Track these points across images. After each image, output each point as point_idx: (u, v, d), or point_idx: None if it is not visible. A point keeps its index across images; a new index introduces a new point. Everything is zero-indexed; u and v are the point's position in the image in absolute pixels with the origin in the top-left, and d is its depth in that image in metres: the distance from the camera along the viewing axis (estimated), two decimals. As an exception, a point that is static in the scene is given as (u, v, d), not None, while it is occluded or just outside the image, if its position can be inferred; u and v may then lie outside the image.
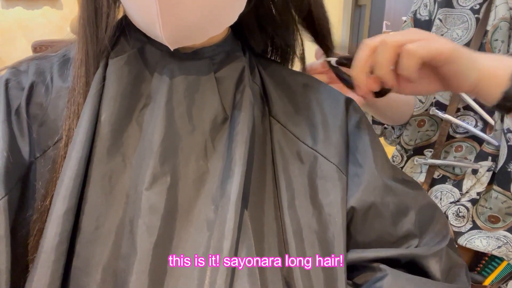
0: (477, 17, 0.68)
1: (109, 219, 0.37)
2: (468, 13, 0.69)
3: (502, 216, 0.66)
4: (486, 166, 0.67)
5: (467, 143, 0.70)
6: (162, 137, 0.39)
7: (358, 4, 2.71)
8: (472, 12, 0.69)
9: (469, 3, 0.69)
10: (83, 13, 0.41)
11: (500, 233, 0.66)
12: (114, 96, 0.40)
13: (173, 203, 0.38)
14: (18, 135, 0.39)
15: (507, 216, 0.66)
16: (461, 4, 0.70)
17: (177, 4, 0.35)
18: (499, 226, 0.67)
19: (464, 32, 0.69)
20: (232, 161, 0.39)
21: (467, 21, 0.69)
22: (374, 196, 0.43)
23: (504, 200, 0.65)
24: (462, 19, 0.70)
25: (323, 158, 0.43)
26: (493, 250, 0.66)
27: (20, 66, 0.44)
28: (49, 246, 0.34)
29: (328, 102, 0.48)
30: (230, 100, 0.43)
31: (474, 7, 0.68)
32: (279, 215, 0.41)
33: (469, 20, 0.69)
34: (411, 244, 0.44)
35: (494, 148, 0.67)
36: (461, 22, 0.70)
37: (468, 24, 0.69)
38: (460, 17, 0.70)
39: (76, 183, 0.36)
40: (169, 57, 0.43)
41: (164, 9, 0.35)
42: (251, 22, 0.49)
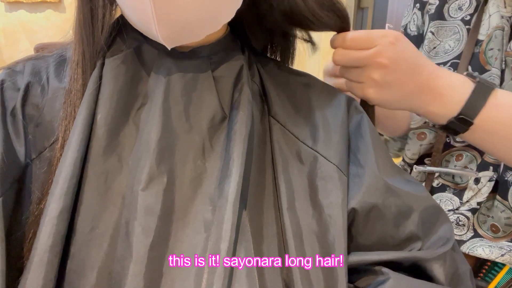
0: (468, 28, 0.68)
1: (105, 220, 0.36)
2: (459, 24, 0.69)
3: (502, 227, 0.65)
4: (488, 176, 0.66)
5: (467, 152, 0.69)
6: (158, 136, 0.38)
7: (361, 7, 2.70)
8: (463, 23, 0.69)
9: (460, 14, 0.69)
10: (78, 14, 0.41)
11: (504, 243, 0.65)
12: (110, 96, 0.39)
13: (170, 203, 0.37)
14: (14, 136, 0.39)
15: (507, 227, 0.65)
16: (452, 15, 0.71)
17: (171, 1, 0.35)
18: (500, 236, 0.65)
19: (456, 43, 0.69)
20: (230, 161, 0.38)
21: (458, 32, 0.69)
22: (375, 197, 0.42)
23: (502, 209, 0.64)
24: (454, 30, 0.70)
25: (323, 158, 0.43)
26: (496, 258, 0.65)
27: (15, 67, 0.43)
28: (43, 248, 0.33)
29: (328, 102, 0.47)
30: (228, 99, 0.43)
31: (465, 18, 0.69)
32: (278, 216, 0.40)
33: (460, 31, 0.69)
34: (414, 247, 0.43)
35: (495, 158, 0.65)
36: (453, 33, 0.70)
37: (460, 35, 0.69)
38: (452, 28, 0.70)
39: (71, 184, 0.35)
40: (166, 56, 0.42)
41: (158, 7, 0.35)
42: (252, 20, 0.49)
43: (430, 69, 0.50)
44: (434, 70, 0.51)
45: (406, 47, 0.49)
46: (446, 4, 0.71)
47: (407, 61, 0.49)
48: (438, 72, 0.50)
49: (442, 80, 0.50)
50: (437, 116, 0.51)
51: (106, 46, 0.41)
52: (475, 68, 0.65)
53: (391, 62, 0.47)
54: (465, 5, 0.69)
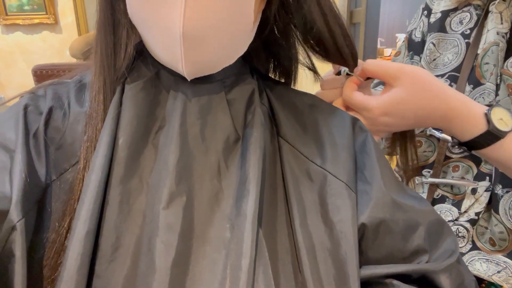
0: (467, 41, 0.70)
1: (127, 239, 0.38)
2: (459, 38, 0.71)
3: (497, 241, 0.66)
4: (484, 186, 0.67)
5: (463, 163, 0.70)
6: (177, 158, 0.40)
7: (353, 22, 2.75)
8: (463, 37, 0.70)
9: (460, 28, 0.71)
10: (101, 43, 0.43)
11: (500, 258, 0.66)
12: (130, 120, 0.41)
13: (189, 222, 0.38)
14: (36, 158, 0.40)
15: (501, 242, 0.66)
16: (453, 29, 0.72)
17: (200, 44, 0.38)
18: (496, 250, 0.66)
19: (454, 57, 0.71)
20: (247, 181, 0.40)
21: (458, 45, 0.71)
22: (383, 212, 0.43)
23: (496, 223, 0.65)
24: (453, 43, 0.72)
25: (332, 176, 0.44)
26: (493, 274, 0.65)
27: (37, 91, 0.45)
28: (71, 269, 0.34)
29: (334, 122, 0.49)
30: (241, 121, 0.45)
31: (465, 32, 0.70)
32: (291, 233, 0.42)
33: (459, 44, 0.71)
34: (421, 260, 0.44)
35: (491, 168, 0.67)
36: (452, 46, 0.72)
37: (458, 48, 0.71)
38: (452, 42, 0.72)
39: (96, 206, 0.36)
40: (183, 82, 0.44)
41: (188, 49, 0.38)
42: (257, 44, 0.51)
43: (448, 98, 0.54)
44: (454, 98, 0.54)
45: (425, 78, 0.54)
46: (448, 18, 0.73)
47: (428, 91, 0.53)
48: (458, 102, 0.54)
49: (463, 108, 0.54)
50: (464, 133, 0.54)
51: (127, 72, 0.44)
52: (472, 81, 0.67)
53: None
54: (465, 19, 0.71)
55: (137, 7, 0.40)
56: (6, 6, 2.99)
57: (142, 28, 0.42)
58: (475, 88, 0.66)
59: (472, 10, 0.70)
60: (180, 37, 0.37)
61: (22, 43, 3.12)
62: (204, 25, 0.37)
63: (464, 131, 0.54)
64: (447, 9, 0.74)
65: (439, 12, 0.75)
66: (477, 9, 0.70)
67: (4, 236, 0.35)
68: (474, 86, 0.66)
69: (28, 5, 3.01)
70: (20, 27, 3.08)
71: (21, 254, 0.35)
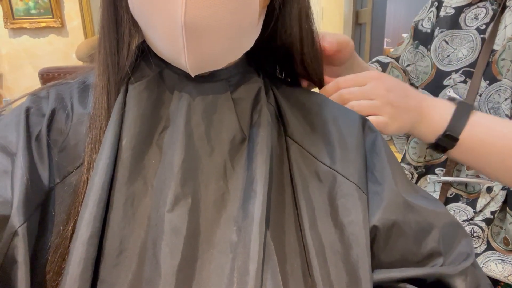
0: (482, 37, 0.69)
1: (132, 242, 0.37)
2: (474, 33, 0.70)
3: (511, 240, 0.64)
4: (500, 184, 0.66)
5: None
6: (182, 159, 0.39)
7: (359, 23, 2.74)
8: (478, 32, 0.69)
9: (475, 23, 0.70)
10: (104, 42, 0.42)
11: None
12: (134, 121, 0.40)
13: (195, 225, 0.37)
14: (38, 161, 0.39)
15: None
16: (468, 24, 0.71)
17: (202, 35, 0.36)
18: (511, 249, 0.65)
19: (469, 52, 0.70)
20: (254, 182, 0.39)
21: (473, 40, 0.70)
22: (396, 214, 0.42)
23: (511, 221, 0.64)
24: (468, 39, 0.71)
25: (342, 177, 0.43)
26: (509, 275, 0.64)
27: (40, 93, 0.44)
28: (74, 274, 0.33)
29: (343, 121, 0.48)
30: (247, 120, 0.44)
31: (480, 27, 0.69)
32: (300, 235, 0.41)
33: (474, 40, 0.70)
34: (436, 263, 0.43)
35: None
36: (467, 41, 0.71)
37: (473, 44, 0.70)
38: (466, 37, 0.71)
39: (99, 209, 0.35)
40: (187, 80, 0.43)
41: (190, 40, 0.36)
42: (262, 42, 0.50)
43: (416, 93, 0.56)
44: (418, 93, 0.56)
45: (391, 79, 0.56)
46: (463, 14, 0.72)
47: (398, 88, 0.55)
48: (422, 95, 0.56)
49: (427, 102, 0.55)
50: (427, 135, 0.56)
51: (130, 72, 0.43)
52: (488, 77, 0.66)
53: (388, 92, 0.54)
54: (481, 15, 0.70)
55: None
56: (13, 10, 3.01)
57: (144, 21, 0.40)
58: (491, 84, 0.65)
59: (488, 5, 0.69)
60: (182, 27, 0.35)
61: (29, 47, 3.14)
62: (206, 15, 0.36)
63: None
64: (461, 5, 0.73)
65: (452, 8, 0.74)
66: (493, 4, 0.68)
67: (6, 242, 0.34)
68: (490, 82, 0.65)
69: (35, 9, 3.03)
70: (27, 31, 3.10)
71: (24, 259, 0.34)
